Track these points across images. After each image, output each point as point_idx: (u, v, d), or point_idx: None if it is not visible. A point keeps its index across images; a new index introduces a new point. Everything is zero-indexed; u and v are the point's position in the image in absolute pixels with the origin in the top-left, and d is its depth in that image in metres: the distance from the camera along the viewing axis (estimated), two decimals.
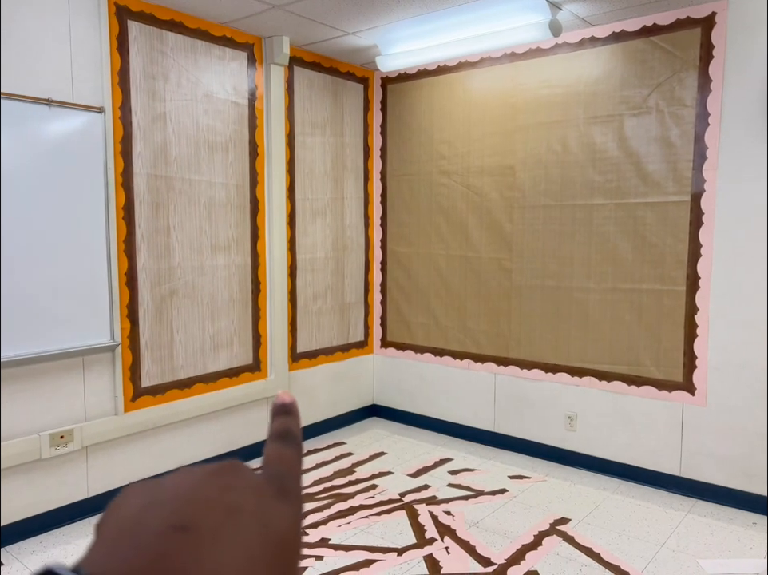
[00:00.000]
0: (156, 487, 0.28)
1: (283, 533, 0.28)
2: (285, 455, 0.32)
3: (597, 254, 3.40)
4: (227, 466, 0.30)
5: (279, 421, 0.34)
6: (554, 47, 3.45)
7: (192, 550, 0.24)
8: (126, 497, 0.29)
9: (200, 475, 0.29)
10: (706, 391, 3.09)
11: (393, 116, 4.20)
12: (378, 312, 4.39)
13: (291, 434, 0.34)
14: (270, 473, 0.31)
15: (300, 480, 0.32)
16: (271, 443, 0.33)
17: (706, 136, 3.02)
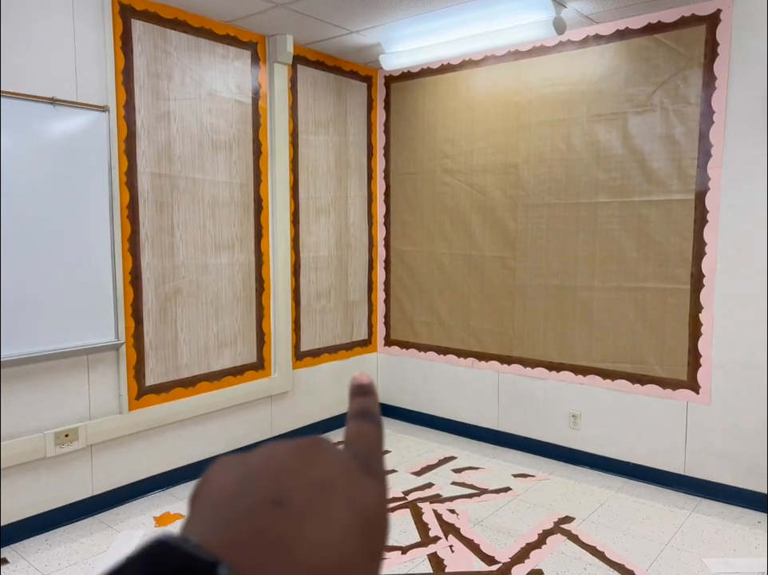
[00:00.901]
0: (247, 461, 0.29)
1: (372, 509, 0.28)
2: (366, 433, 0.33)
3: (601, 252, 3.40)
4: (312, 442, 0.30)
5: (357, 400, 0.35)
6: (558, 45, 3.44)
7: (289, 524, 0.25)
8: (217, 470, 0.29)
9: (288, 450, 0.29)
10: (711, 390, 3.09)
11: (396, 115, 4.20)
12: (382, 311, 4.39)
13: (371, 413, 0.34)
14: (354, 450, 0.31)
15: (383, 458, 0.32)
16: (351, 422, 0.34)
17: (711, 133, 3.01)
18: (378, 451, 0.32)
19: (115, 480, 3.01)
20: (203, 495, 0.28)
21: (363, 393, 0.35)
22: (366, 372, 0.36)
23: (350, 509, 0.27)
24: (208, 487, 0.28)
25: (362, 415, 0.34)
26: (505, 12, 3.12)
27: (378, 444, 0.33)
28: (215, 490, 0.27)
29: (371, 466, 0.30)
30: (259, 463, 0.28)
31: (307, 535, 0.25)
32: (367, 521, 0.27)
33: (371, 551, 0.27)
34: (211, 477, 0.29)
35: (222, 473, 0.28)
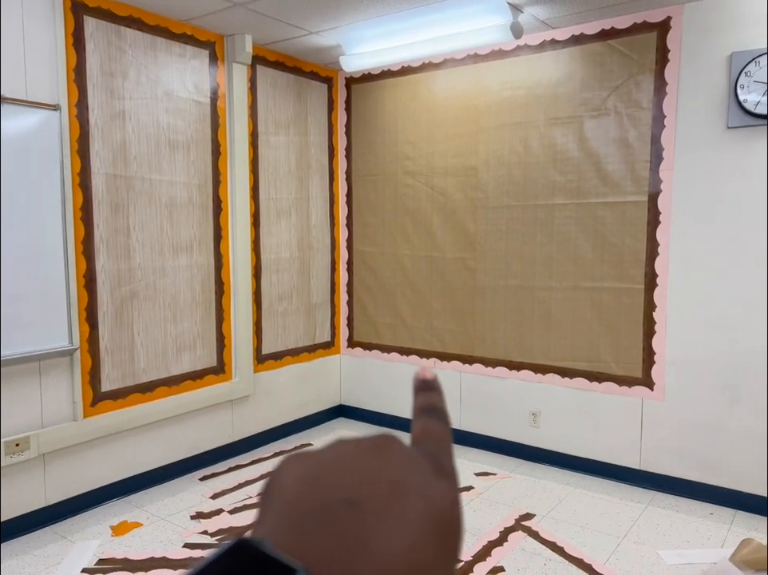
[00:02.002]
0: (317, 460, 0.28)
1: (446, 511, 0.27)
2: (434, 431, 0.32)
3: (559, 253, 3.46)
4: (382, 440, 0.29)
5: (422, 396, 0.34)
6: (516, 49, 3.50)
7: (363, 526, 0.24)
8: (287, 468, 0.28)
9: (359, 448, 0.28)
10: (664, 386, 3.18)
11: (357, 117, 4.20)
12: (345, 312, 4.38)
13: (437, 409, 0.33)
14: (423, 449, 0.30)
15: (453, 457, 0.31)
16: (417, 419, 0.33)
17: (662, 137, 3.10)
18: (447, 450, 0.31)
19: (70, 489, 2.92)
20: (273, 493, 0.27)
21: (428, 388, 0.34)
22: (428, 368, 0.35)
23: (424, 511, 0.26)
24: (279, 485, 0.27)
25: (428, 412, 0.33)
26: (464, 16, 3.15)
27: (447, 442, 0.32)
28: (286, 488, 0.27)
29: (442, 466, 0.29)
30: (329, 461, 0.28)
31: (381, 538, 0.24)
32: (441, 525, 0.26)
33: (445, 555, 0.26)
34: (281, 475, 0.28)
35: (292, 471, 0.28)
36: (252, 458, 3.69)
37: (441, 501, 0.27)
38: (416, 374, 0.35)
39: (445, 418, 0.33)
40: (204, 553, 2.58)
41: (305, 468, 0.28)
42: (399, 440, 0.29)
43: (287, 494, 0.26)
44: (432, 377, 0.35)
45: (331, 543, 0.24)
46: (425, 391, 0.34)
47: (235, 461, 3.63)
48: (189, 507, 3.07)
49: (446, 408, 0.34)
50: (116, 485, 3.12)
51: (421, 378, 0.35)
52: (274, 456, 3.73)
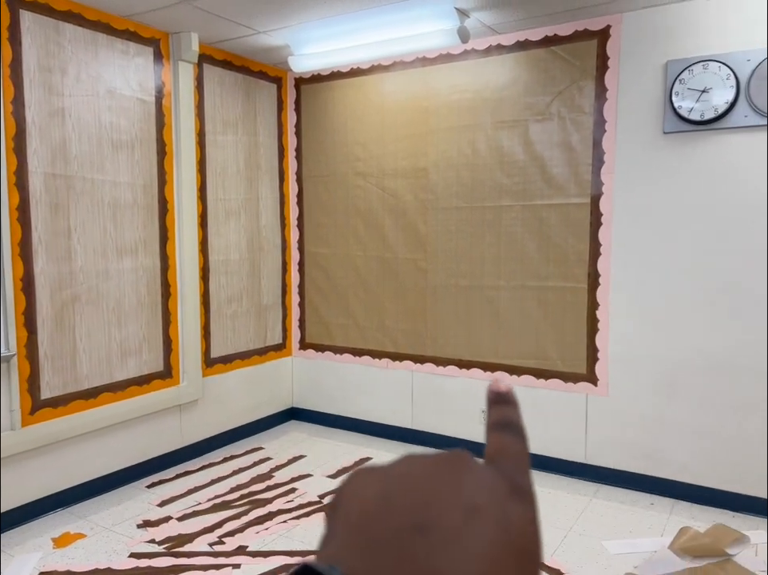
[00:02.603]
0: (387, 476, 0.27)
1: (524, 536, 0.25)
2: (509, 448, 0.30)
3: (506, 253, 3.53)
4: (454, 458, 0.28)
5: (496, 410, 0.32)
6: (463, 53, 3.55)
7: (435, 553, 0.23)
8: (356, 484, 0.27)
9: (430, 466, 0.27)
10: (608, 382, 3.28)
11: (307, 117, 4.18)
12: (297, 314, 4.36)
13: (512, 425, 0.32)
14: (497, 467, 0.29)
15: (530, 475, 0.29)
16: (491, 434, 0.31)
17: (604, 141, 3.21)
18: (524, 468, 0.29)
19: (8, 501, 2.80)
20: (341, 510, 0.26)
21: (502, 402, 0.32)
22: (502, 379, 0.32)
23: (500, 537, 0.24)
24: (347, 501, 0.27)
25: (503, 427, 0.31)
26: (412, 19, 3.18)
27: (524, 460, 0.30)
28: (355, 507, 0.26)
29: (518, 486, 0.27)
30: (400, 480, 0.26)
31: (455, 567, 0.23)
32: (519, 552, 0.24)
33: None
34: (350, 492, 0.27)
35: (362, 489, 0.27)
36: (202, 463, 3.63)
37: (519, 526, 0.25)
38: (489, 385, 0.33)
39: (522, 433, 0.31)
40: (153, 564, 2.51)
41: (375, 486, 0.27)
42: (472, 458, 0.28)
43: (356, 514, 0.25)
44: (506, 389, 0.33)
45: (404, 570, 0.23)
46: (499, 405, 0.32)
47: (184, 468, 3.55)
48: (136, 516, 2.99)
49: (522, 423, 0.32)
50: (58, 496, 3.01)
51: (494, 391, 0.33)
52: (224, 461, 3.67)
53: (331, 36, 3.40)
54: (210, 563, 2.57)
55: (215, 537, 2.77)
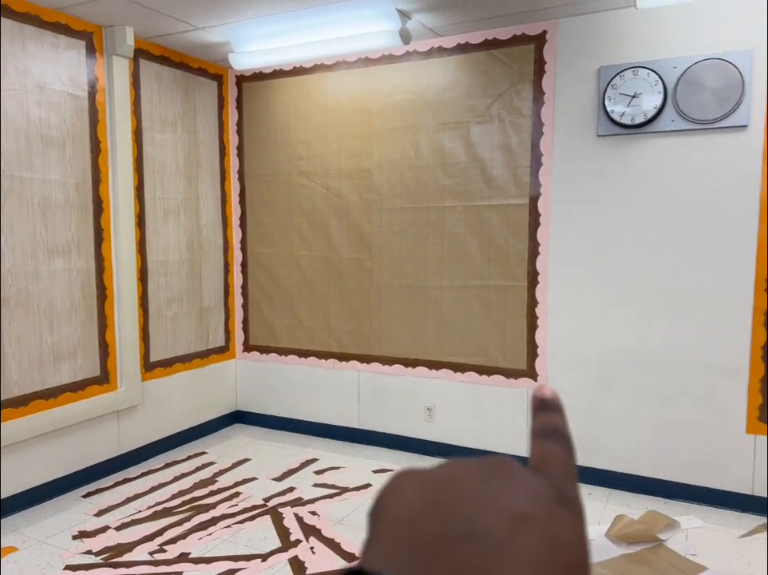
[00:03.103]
0: (432, 480, 0.26)
1: (572, 547, 0.24)
2: (555, 455, 0.29)
3: (449, 253, 3.58)
4: (500, 463, 0.27)
5: (541, 417, 0.31)
6: (405, 54, 3.58)
7: (485, 562, 0.23)
8: (399, 486, 0.27)
9: (476, 471, 0.27)
10: (547, 377, 3.38)
11: (249, 115, 4.12)
12: (240, 315, 4.29)
13: (558, 432, 0.31)
14: (545, 476, 0.28)
15: (577, 484, 0.29)
16: (536, 442, 0.30)
17: (541, 144, 3.30)
18: (571, 478, 0.29)
19: None
20: (386, 513, 0.26)
21: (548, 408, 0.31)
22: (548, 384, 0.31)
23: (548, 548, 0.24)
24: (392, 505, 0.26)
25: (549, 434, 0.30)
26: (355, 20, 3.18)
27: (571, 469, 0.29)
28: (399, 510, 0.25)
29: (566, 496, 0.27)
30: (446, 484, 0.26)
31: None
32: (567, 565, 0.24)
33: None
34: (393, 494, 0.27)
35: (406, 491, 0.26)
36: (142, 470, 3.52)
37: (567, 536, 0.25)
38: (534, 391, 0.32)
39: (568, 441, 0.30)
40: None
41: (420, 489, 0.26)
42: (518, 465, 0.28)
43: (402, 518, 0.25)
44: (552, 395, 0.32)
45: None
46: (544, 411, 0.31)
47: (123, 475, 3.44)
48: (71, 527, 2.88)
49: (568, 430, 0.31)
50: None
51: (539, 397, 0.32)
52: (165, 467, 3.58)
53: (273, 34, 3.36)
54: (150, 572, 2.50)
55: (156, 545, 2.70)
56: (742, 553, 2.64)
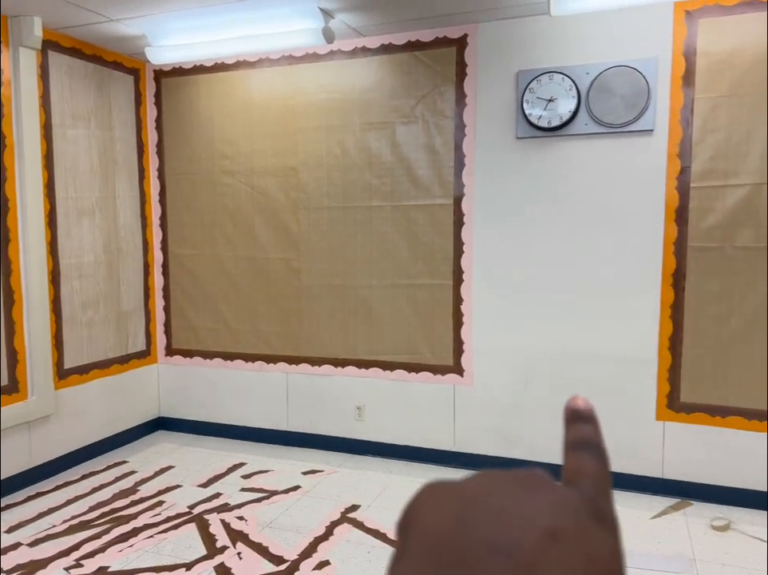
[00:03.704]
0: (463, 493, 0.26)
1: (607, 563, 0.23)
2: (589, 469, 0.28)
3: (377, 253, 3.60)
4: (532, 476, 0.26)
5: (575, 429, 0.30)
6: (330, 54, 3.57)
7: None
8: (429, 499, 0.26)
9: (507, 485, 0.26)
10: (473, 372, 3.46)
11: (169, 112, 3.99)
12: (161, 319, 4.15)
13: (592, 444, 0.29)
14: (578, 490, 0.27)
15: (612, 500, 0.27)
16: (569, 455, 0.29)
17: (464, 145, 3.37)
18: (606, 492, 0.27)
19: None
20: (415, 527, 0.25)
21: (581, 419, 0.30)
22: (581, 395, 0.29)
23: (582, 565, 0.23)
24: (421, 519, 0.25)
25: (582, 447, 0.29)
26: (277, 17, 3.15)
27: (606, 483, 0.28)
28: (429, 524, 0.25)
29: (600, 511, 0.26)
30: (477, 498, 0.25)
31: None
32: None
33: None
34: (422, 507, 0.26)
35: (435, 504, 0.25)
36: (56, 483, 3.34)
37: (602, 553, 0.24)
38: (568, 402, 0.31)
39: (603, 454, 0.29)
40: None
41: (450, 502, 0.25)
42: (551, 478, 0.27)
43: (431, 532, 0.24)
44: (585, 406, 0.31)
45: None
46: (577, 422, 0.30)
47: (36, 489, 3.26)
48: None
49: (603, 442, 0.30)
50: None
51: (572, 408, 0.31)
52: (82, 479, 3.41)
53: (192, 28, 3.27)
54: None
55: (72, 560, 2.57)
56: (653, 533, 2.80)
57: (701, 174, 2.96)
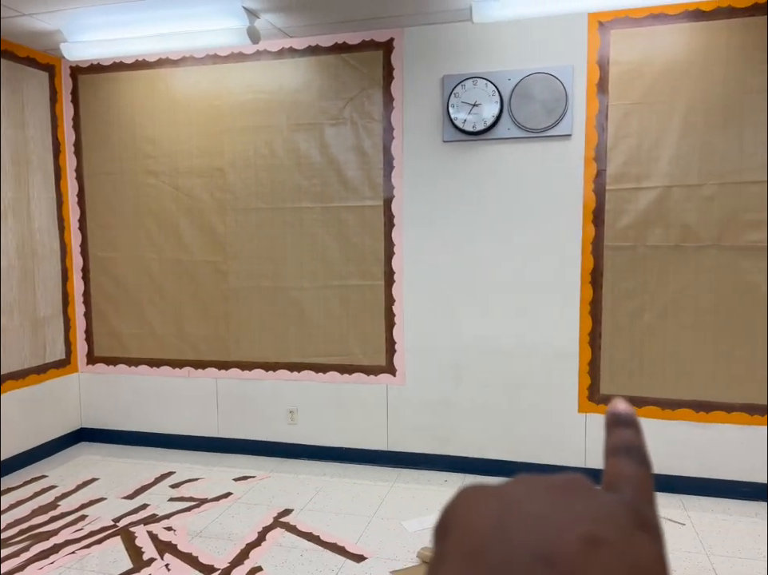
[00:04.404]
0: (502, 498, 0.25)
1: (652, 571, 0.23)
2: (631, 475, 0.28)
3: (308, 254, 3.59)
4: (572, 481, 0.26)
5: (617, 434, 0.29)
6: (256, 54, 3.53)
7: None
8: (468, 503, 0.25)
9: (548, 490, 0.25)
10: (405, 372, 3.50)
11: (87, 110, 3.83)
12: (82, 326, 3.97)
13: (634, 449, 0.29)
14: (620, 496, 0.26)
15: (656, 506, 0.27)
16: (611, 460, 0.29)
17: (393, 147, 3.41)
18: (649, 498, 0.27)
19: None
20: (454, 531, 0.25)
21: (623, 424, 0.30)
22: (624, 399, 0.28)
23: (624, 572, 0.22)
24: (461, 523, 0.25)
25: (624, 452, 0.29)
26: (201, 15, 3.08)
27: (648, 489, 0.28)
28: (469, 529, 0.24)
29: (643, 517, 0.25)
30: (517, 504, 0.24)
31: None
32: None
33: None
34: (461, 511, 0.25)
35: (474, 509, 0.25)
36: None
37: (645, 561, 0.23)
38: (609, 406, 0.31)
39: (645, 459, 0.29)
40: None
41: (490, 507, 0.25)
42: (590, 483, 0.26)
43: (471, 537, 0.24)
44: (626, 410, 0.30)
45: None
46: (618, 427, 0.30)
47: None
48: None
49: (645, 447, 0.29)
50: None
51: (614, 412, 0.30)
52: None
53: (111, 24, 3.16)
54: None
55: None
56: None
57: (615, 177, 3.12)
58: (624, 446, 0.29)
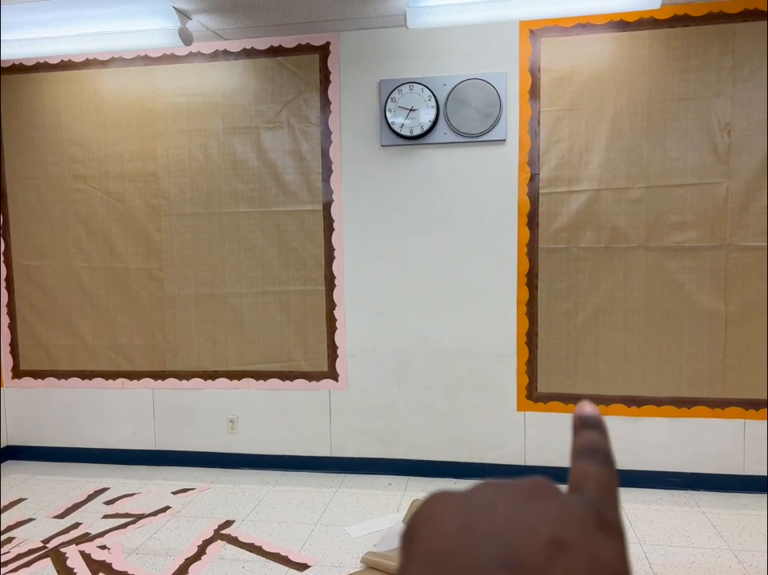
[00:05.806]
0: (467, 506, 0.25)
1: (614, 571, 0.23)
2: (595, 476, 0.28)
3: (247, 260, 3.53)
4: (536, 485, 0.26)
5: (582, 436, 0.30)
6: (189, 55, 3.45)
7: None
8: (435, 509, 0.25)
9: (513, 494, 0.25)
10: (347, 376, 3.49)
11: (8, 112, 3.65)
12: (6, 338, 3.76)
13: (600, 451, 0.29)
14: (583, 497, 0.26)
15: (619, 508, 0.27)
16: (576, 462, 0.29)
17: (331, 151, 3.40)
18: (613, 500, 0.27)
19: None
20: (420, 538, 0.25)
21: (589, 426, 0.30)
22: (590, 401, 0.26)
23: (587, 574, 0.22)
24: (426, 529, 0.25)
25: (589, 454, 0.29)
26: (130, 14, 2.98)
27: (612, 490, 0.27)
28: (434, 535, 0.24)
29: (606, 519, 0.25)
30: (483, 510, 0.25)
31: None
32: None
33: None
34: (429, 517, 0.25)
35: (442, 514, 0.25)
36: None
37: (608, 560, 0.23)
38: (576, 408, 0.31)
39: (610, 461, 0.29)
40: None
41: (455, 513, 0.25)
42: (554, 486, 0.26)
43: (437, 543, 0.24)
44: (592, 413, 0.30)
45: None
46: (584, 429, 0.30)
47: None
48: None
49: (611, 450, 0.29)
50: None
51: (580, 415, 0.31)
52: None
53: (34, 23, 3.01)
54: None
55: None
56: None
57: (548, 181, 3.21)
58: (590, 447, 0.29)
